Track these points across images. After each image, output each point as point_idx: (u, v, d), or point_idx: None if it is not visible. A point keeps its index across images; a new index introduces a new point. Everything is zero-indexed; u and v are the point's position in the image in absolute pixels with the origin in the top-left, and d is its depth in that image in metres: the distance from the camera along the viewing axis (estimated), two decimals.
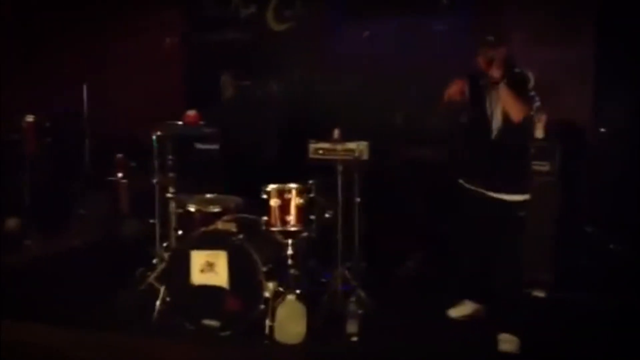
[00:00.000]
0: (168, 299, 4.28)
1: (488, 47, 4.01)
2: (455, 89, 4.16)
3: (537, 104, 4.08)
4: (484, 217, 4.10)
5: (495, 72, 3.94)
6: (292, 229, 4.27)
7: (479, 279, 4.28)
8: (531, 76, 4.01)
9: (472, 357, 3.90)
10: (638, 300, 4.48)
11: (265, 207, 4.30)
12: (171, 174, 4.69)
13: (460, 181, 4.24)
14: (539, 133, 5.09)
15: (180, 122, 4.89)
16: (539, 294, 4.79)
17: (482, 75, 4.10)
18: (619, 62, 5.70)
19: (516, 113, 3.91)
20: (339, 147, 4.55)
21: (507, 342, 3.93)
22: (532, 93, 4.01)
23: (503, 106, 3.97)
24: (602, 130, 5.89)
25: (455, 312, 4.37)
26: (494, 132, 4.05)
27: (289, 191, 4.29)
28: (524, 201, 4.04)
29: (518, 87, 3.94)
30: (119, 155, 5.87)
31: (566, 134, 5.24)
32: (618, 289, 4.72)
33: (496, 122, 4.05)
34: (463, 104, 4.16)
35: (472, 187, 4.15)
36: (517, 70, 4.03)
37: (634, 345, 3.93)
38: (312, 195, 4.37)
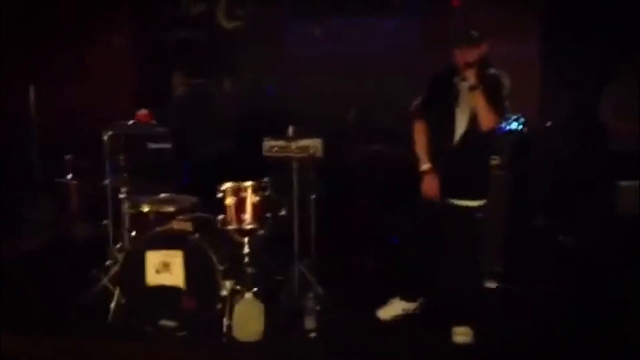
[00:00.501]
0: (123, 300, 4.21)
1: (468, 45, 3.76)
2: (431, 190, 3.99)
3: (507, 115, 3.95)
4: (439, 219, 4.00)
5: (473, 78, 3.73)
6: (248, 227, 4.26)
7: (419, 277, 4.21)
8: (506, 80, 3.90)
9: (428, 350, 3.95)
10: (585, 289, 4.61)
11: (220, 206, 4.27)
12: (123, 174, 4.62)
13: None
14: None
15: (131, 122, 4.83)
16: (491, 285, 4.88)
17: (453, 72, 3.92)
18: (564, 57, 5.86)
19: (487, 122, 3.76)
20: (293, 144, 4.55)
21: (461, 334, 3.96)
22: (506, 102, 3.89)
23: (473, 112, 3.79)
24: (549, 124, 6.05)
25: (384, 314, 4.27)
26: (457, 138, 3.91)
27: (245, 189, 4.27)
28: (484, 204, 3.98)
29: (493, 93, 3.76)
30: (69, 156, 5.74)
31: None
32: (566, 279, 4.85)
33: (460, 127, 3.90)
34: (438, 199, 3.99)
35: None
36: (492, 71, 3.87)
37: (582, 332, 4.05)
38: (267, 193, 4.37)
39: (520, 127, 5.40)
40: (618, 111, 5.13)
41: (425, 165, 4.04)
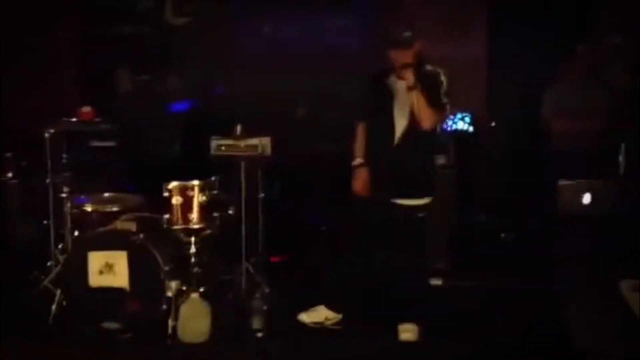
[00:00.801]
0: (65, 302, 4.12)
1: (402, 47, 3.76)
2: (359, 184, 4.02)
3: (447, 112, 3.91)
4: (381, 221, 3.99)
5: (410, 78, 3.72)
6: (195, 226, 4.20)
7: (349, 286, 4.16)
8: (444, 77, 3.86)
9: (374, 347, 3.98)
10: (528, 285, 4.72)
11: (166, 205, 4.22)
12: (66, 173, 4.52)
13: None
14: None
15: (74, 119, 4.73)
16: (436, 282, 4.95)
17: (388, 73, 3.94)
18: (509, 58, 5.98)
19: (427, 121, 3.75)
20: (241, 143, 4.52)
21: (407, 331, 3.99)
22: (445, 100, 3.84)
23: (413, 111, 3.77)
24: (493, 124, 6.16)
25: (307, 318, 4.19)
26: (397, 138, 3.89)
27: (192, 188, 4.22)
28: (428, 203, 3.98)
29: (431, 92, 3.77)
30: (8, 154, 5.58)
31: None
32: (509, 275, 4.95)
33: (400, 127, 3.88)
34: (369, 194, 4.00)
35: (375, 194, 3.99)
36: (429, 68, 3.87)
37: (526, 327, 4.14)
38: (215, 192, 4.33)
39: (466, 126, 5.49)
40: (558, 111, 5.26)
41: (356, 161, 4.07)
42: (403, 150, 3.87)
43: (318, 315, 4.17)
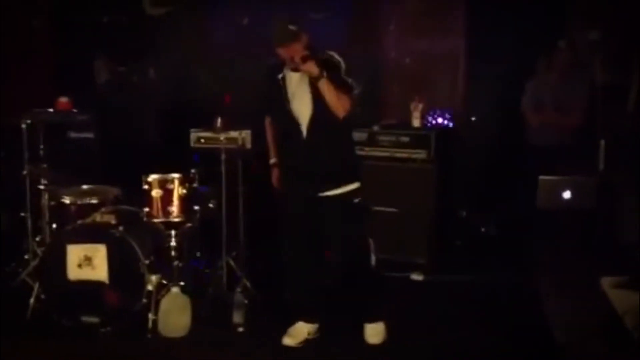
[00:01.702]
0: (43, 296, 4.06)
1: (291, 41, 3.58)
2: (276, 181, 3.98)
3: (356, 90, 3.69)
4: (314, 220, 3.80)
5: (313, 69, 3.54)
6: (175, 219, 4.18)
7: (312, 295, 3.96)
8: (338, 57, 3.68)
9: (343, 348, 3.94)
10: (508, 279, 4.76)
11: (146, 198, 4.17)
12: (43, 165, 4.46)
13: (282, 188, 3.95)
14: (415, 122, 5.27)
15: (51, 110, 4.65)
16: (417, 277, 4.97)
17: (277, 68, 3.77)
18: (488, 53, 6.00)
19: (342, 108, 3.62)
20: (221, 135, 4.48)
21: (374, 334, 3.89)
22: (349, 79, 3.65)
23: (322, 101, 3.60)
24: (473, 118, 6.19)
25: (291, 341, 3.89)
26: (304, 133, 3.71)
27: (171, 181, 4.18)
28: (357, 188, 3.78)
29: (334, 77, 3.60)
30: None
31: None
32: (489, 269, 4.99)
33: (304, 120, 3.70)
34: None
35: (295, 191, 3.83)
36: (321, 55, 3.66)
37: (506, 321, 4.17)
38: (195, 185, 4.30)
39: (446, 121, 5.50)
40: (538, 106, 5.29)
41: (271, 160, 4.03)
42: (314, 144, 3.70)
43: (301, 333, 3.93)
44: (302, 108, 3.70)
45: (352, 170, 3.83)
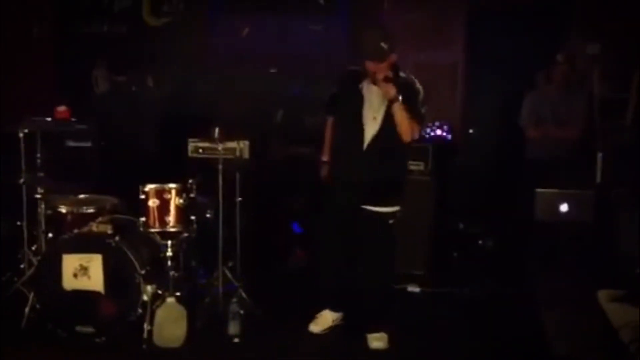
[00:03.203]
0: (38, 305, 4.04)
1: (379, 58, 3.70)
2: (325, 176, 4.14)
3: (426, 122, 3.95)
4: (352, 224, 3.95)
5: (392, 92, 3.69)
6: (172, 229, 4.16)
7: (340, 287, 4.14)
8: (419, 85, 3.84)
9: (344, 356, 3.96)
10: (505, 292, 4.74)
11: (143, 208, 4.16)
12: (40, 173, 4.45)
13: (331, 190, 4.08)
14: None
15: (49, 118, 4.65)
16: (414, 289, 4.96)
17: (360, 76, 3.89)
18: (487, 66, 6.02)
19: (409, 134, 3.76)
20: (219, 146, 4.48)
21: (377, 340, 3.96)
22: (424, 109, 3.83)
23: (385, 119, 3.77)
24: (471, 131, 6.20)
25: (316, 327, 4.14)
26: (366, 144, 3.85)
27: (169, 191, 4.18)
28: (396, 211, 3.94)
29: (410, 103, 3.74)
30: None
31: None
32: (487, 282, 4.97)
33: (370, 133, 3.85)
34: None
35: (340, 197, 3.98)
36: (402, 76, 3.85)
37: (503, 334, 4.16)
38: (192, 195, 4.29)
39: (444, 133, 5.51)
40: (536, 119, 5.29)
41: (324, 157, 4.18)
42: (371, 157, 3.84)
43: (326, 320, 4.15)
44: (371, 121, 3.83)
45: (397, 192, 3.95)
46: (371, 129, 3.83)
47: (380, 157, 3.82)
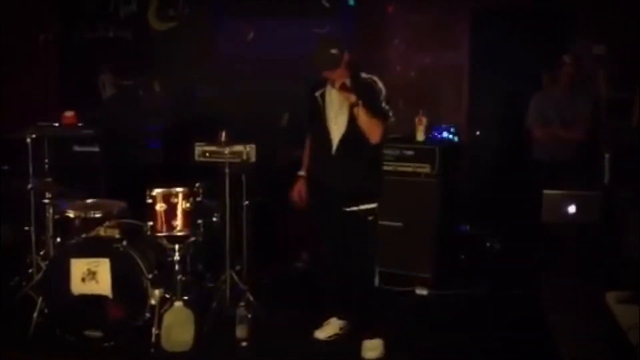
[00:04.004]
0: (46, 310, 4.06)
1: (332, 67, 3.75)
2: (294, 194, 4.13)
3: (392, 118, 3.86)
4: (337, 227, 3.97)
5: (351, 97, 3.72)
6: (179, 233, 4.17)
7: (340, 293, 4.11)
8: (380, 83, 3.84)
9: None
10: (513, 294, 4.73)
11: (150, 212, 4.17)
12: (48, 178, 4.46)
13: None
14: (420, 136, 5.27)
15: (56, 124, 4.67)
16: (421, 291, 4.95)
17: (320, 85, 3.93)
18: (493, 68, 6.01)
19: (376, 135, 3.80)
20: (226, 149, 4.48)
21: (371, 349, 3.90)
22: (387, 106, 3.84)
23: (358, 125, 3.76)
24: (478, 133, 6.19)
25: (322, 334, 4.12)
26: (334, 149, 3.88)
27: (175, 195, 4.18)
28: (373, 208, 3.93)
29: (372, 102, 3.77)
30: None
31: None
32: (494, 284, 4.96)
33: (336, 137, 3.87)
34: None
35: (319, 204, 4.03)
36: (364, 76, 3.86)
37: (511, 336, 4.15)
38: (199, 198, 4.29)
39: (451, 135, 5.50)
40: (542, 121, 5.28)
41: (300, 172, 4.17)
42: (341, 160, 3.87)
43: (333, 328, 4.13)
44: (336, 126, 3.88)
45: (372, 189, 3.95)
46: (337, 132, 3.88)
47: (351, 159, 3.85)
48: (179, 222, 4.17)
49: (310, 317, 4.26)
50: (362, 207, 3.89)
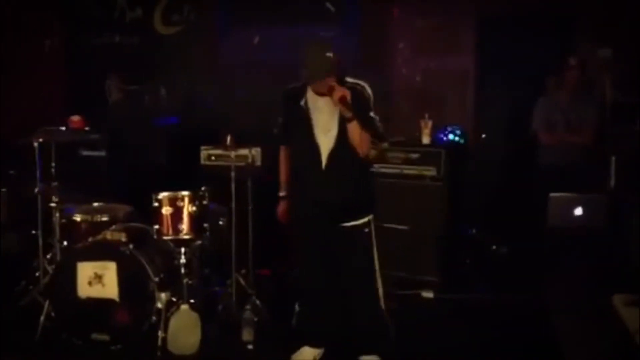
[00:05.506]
0: (53, 314, 4.07)
1: (322, 77, 3.40)
2: (281, 215, 3.88)
3: (381, 129, 3.60)
4: (327, 245, 3.70)
5: (346, 112, 3.39)
6: (185, 237, 4.18)
7: (321, 320, 3.83)
8: (369, 90, 3.56)
9: None
10: (519, 298, 4.72)
11: (156, 216, 4.18)
12: (54, 183, 4.48)
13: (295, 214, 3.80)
14: (425, 139, 5.27)
15: (63, 128, 4.69)
16: (427, 295, 4.95)
17: (301, 92, 3.62)
18: (499, 71, 6.02)
19: (366, 149, 3.54)
20: (232, 153, 4.50)
21: None
22: (374, 115, 3.54)
23: (339, 132, 3.50)
24: (483, 136, 6.19)
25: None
26: (324, 163, 3.57)
27: (182, 199, 4.20)
28: (369, 220, 3.69)
29: (362, 112, 3.46)
30: None
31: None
32: (501, 288, 4.96)
33: (325, 149, 3.55)
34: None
35: (311, 220, 3.70)
36: (351, 81, 3.54)
37: (517, 340, 4.13)
38: (205, 202, 4.30)
39: (457, 138, 5.50)
40: (548, 124, 5.28)
41: (281, 193, 3.89)
42: (334, 174, 3.57)
43: (306, 357, 3.85)
44: (325, 138, 3.56)
45: (367, 202, 3.72)
46: (326, 145, 3.55)
47: (344, 172, 3.58)
48: (185, 225, 4.18)
49: None
50: (361, 220, 3.66)
